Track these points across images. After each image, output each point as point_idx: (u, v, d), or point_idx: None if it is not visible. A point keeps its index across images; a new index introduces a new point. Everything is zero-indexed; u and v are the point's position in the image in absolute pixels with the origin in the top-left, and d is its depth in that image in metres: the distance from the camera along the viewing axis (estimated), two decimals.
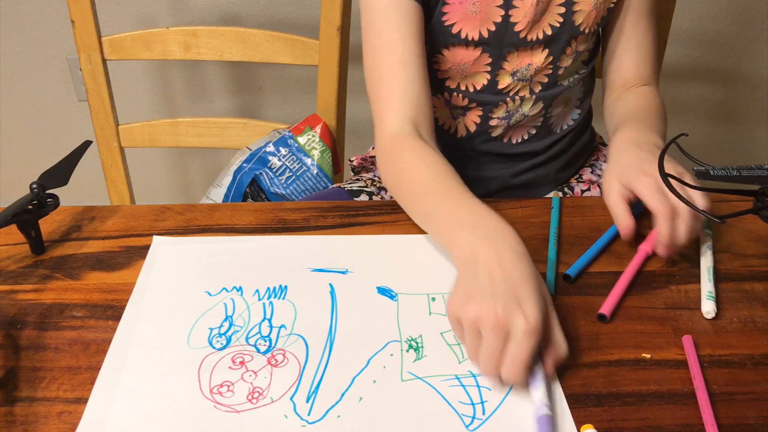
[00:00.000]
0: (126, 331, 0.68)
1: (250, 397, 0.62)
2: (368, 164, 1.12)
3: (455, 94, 0.97)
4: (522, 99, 0.97)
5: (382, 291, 0.73)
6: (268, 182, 1.19)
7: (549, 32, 0.92)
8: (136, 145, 1.30)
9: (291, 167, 1.26)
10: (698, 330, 0.68)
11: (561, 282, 0.75)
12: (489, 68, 0.94)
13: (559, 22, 0.91)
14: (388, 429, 0.59)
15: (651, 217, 0.76)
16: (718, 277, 0.75)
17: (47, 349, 0.67)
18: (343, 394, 0.62)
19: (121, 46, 1.22)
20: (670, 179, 0.73)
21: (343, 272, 0.76)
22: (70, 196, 0.86)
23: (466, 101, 0.97)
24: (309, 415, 0.60)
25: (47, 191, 0.79)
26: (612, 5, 0.94)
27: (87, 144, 0.87)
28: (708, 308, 0.70)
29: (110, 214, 0.86)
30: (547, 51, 0.93)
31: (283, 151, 1.23)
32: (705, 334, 0.68)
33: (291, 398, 0.62)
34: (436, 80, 0.96)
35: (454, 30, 0.90)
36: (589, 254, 0.77)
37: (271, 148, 1.24)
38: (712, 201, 0.86)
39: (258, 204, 0.88)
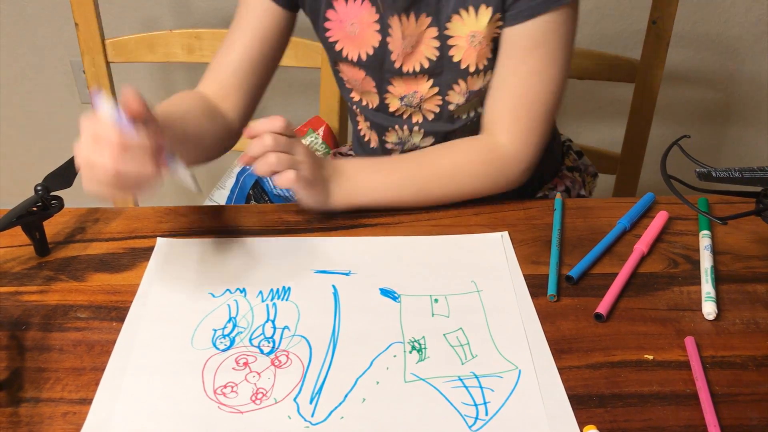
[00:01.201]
0: (130, 332, 0.69)
1: (253, 398, 0.62)
2: None
3: (355, 108, 0.99)
4: (412, 128, 0.95)
5: (385, 292, 0.74)
6: (271, 184, 1.19)
7: (426, 65, 0.89)
8: None
9: None
10: (700, 331, 0.69)
11: (563, 283, 0.75)
12: (376, 90, 0.94)
13: (435, 56, 0.88)
14: (392, 430, 0.59)
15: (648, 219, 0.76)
16: (720, 279, 0.75)
17: (52, 350, 0.67)
18: (346, 395, 0.62)
19: (124, 49, 1.23)
20: (672, 180, 0.73)
21: (346, 274, 0.76)
22: (74, 198, 0.86)
23: (366, 120, 0.99)
24: (312, 416, 0.60)
25: (51, 193, 0.79)
26: (492, 45, 0.87)
27: None
28: (708, 309, 0.70)
29: (114, 216, 0.86)
30: (431, 81, 0.91)
31: None
32: (707, 336, 0.68)
33: (294, 399, 0.62)
34: (345, 89, 0.99)
35: (337, 48, 0.92)
36: (591, 256, 0.77)
37: None
38: (715, 203, 0.86)
39: (261, 206, 0.89)
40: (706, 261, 0.76)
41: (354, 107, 1.00)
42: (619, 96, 1.82)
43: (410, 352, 0.66)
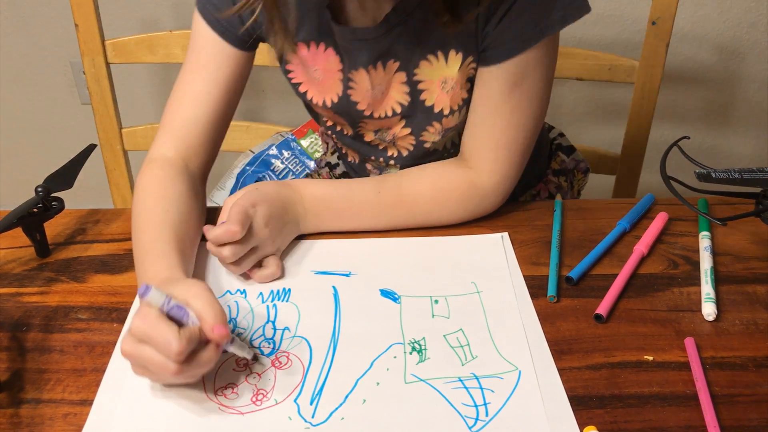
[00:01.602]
0: None
1: (254, 399, 0.62)
2: None
3: (330, 132, 0.95)
4: (388, 161, 0.92)
5: (385, 293, 0.74)
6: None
7: (398, 109, 0.85)
8: (139, 148, 1.30)
9: (294, 170, 1.26)
10: (700, 332, 0.69)
11: (563, 284, 0.75)
12: (349, 124, 0.89)
13: (407, 101, 0.84)
14: (392, 431, 0.59)
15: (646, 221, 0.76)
16: (720, 280, 0.75)
17: (52, 351, 0.67)
18: (346, 396, 0.62)
19: (124, 50, 1.23)
20: (671, 181, 0.73)
21: (346, 275, 0.76)
22: (74, 199, 0.87)
23: (343, 146, 0.96)
24: (313, 417, 0.60)
25: (52, 194, 0.79)
26: (468, 86, 0.83)
27: (91, 147, 0.87)
28: (708, 310, 0.70)
29: (115, 217, 0.86)
30: (404, 122, 0.86)
31: (285, 153, 1.24)
32: (707, 336, 0.68)
33: (295, 400, 0.62)
34: (316, 114, 0.94)
35: (302, 89, 0.88)
36: (591, 257, 0.77)
37: (274, 150, 1.24)
38: (714, 204, 0.86)
39: None
40: (705, 262, 0.76)
41: (329, 132, 0.96)
42: (618, 97, 1.82)
43: (410, 353, 0.67)
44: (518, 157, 0.83)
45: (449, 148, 0.91)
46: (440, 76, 0.82)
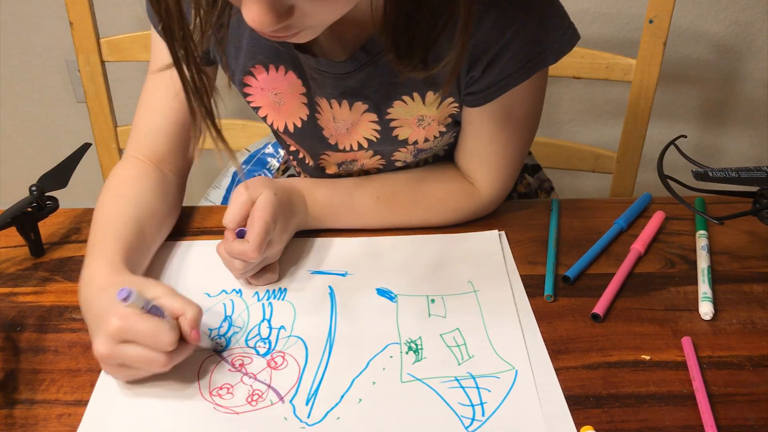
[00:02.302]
0: None
1: (249, 399, 0.62)
2: None
3: (291, 158, 0.91)
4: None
5: (382, 293, 0.73)
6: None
7: (365, 144, 0.80)
8: None
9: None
10: (697, 331, 0.68)
11: (560, 284, 0.75)
12: (310, 155, 0.86)
13: (376, 137, 0.79)
14: (388, 430, 0.59)
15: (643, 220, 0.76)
16: (717, 279, 0.75)
17: (47, 352, 0.67)
18: (342, 396, 0.62)
19: (119, 48, 1.22)
20: (669, 180, 0.73)
21: (342, 274, 0.76)
22: (69, 198, 0.86)
23: (304, 172, 0.92)
24: (309, 417, 0.60)
25: (46, 193, 0.79)
26: (449, 120, 0.79)
27: (86, 146, 0.87)
28: (705, 309, 0.70)
29: None
30: (372, 152, 0.82)
31: (281, 152, 1.23)
32: (704, 336, 0.68)
33: (291, 400, 0.62)
34: (280, 137, 0.90)
35: (261, 114, 0.82)
36: (588, 256, 0.77)
37: (270, 149, 1.24)
38: (711, 203, 0.86)
39: None
40: (702, 261, 0.76)
41: (290, 157, 0.92)
42: (615, 95, 1.82)
43: (407, 353, 0.66)
44: (514, 170, 0.83)
45: (421, 162, 0.87)
46: (416, 114, 0.77)
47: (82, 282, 0.67)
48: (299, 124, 0.80)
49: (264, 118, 0.82)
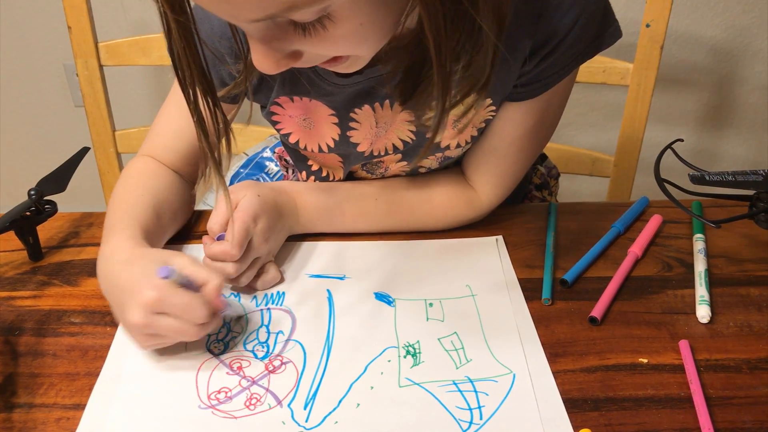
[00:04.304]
0: (124, 337, 0.68)
1: (247, 404, 0.62)
2: None
3: (312, 178, 0.89)
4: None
5: (380, 297, 0.73)
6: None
7: (400, 146, 0.79)
8: (133, 151, 1.30)
9: None
10: (694, 334, 0.69)
11: (558, 287, 0.75)
12: (342, 166, 0.85)
13: (411, 139, 0.78)
14: None
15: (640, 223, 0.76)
16: (714, 282, 0.75)
17: (45, 356, 0.67)
18: (340, 401, 0.62)
19: (117, 52, 1.22)
20: (666, 184, 0.73)
21: (340, 278, 0.76)
22: (67, 202, 0.86)
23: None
24: (307, 421, 0.60)
25: (45, 197, 0.79)
26: (483, 125, 0.78)
27: (85, 150, 0.87)
28: (702, 313, 0.70)
29: None
30: (400, 156, 0.81)
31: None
32: (701, 339, 0.68)
33: (289, 405, 0.62)
34: (300, 157, 0.88)
35: (292, 140, 0.82)
36: (585, 260, 0.78)
37: (268, 153, 1.24)
38: (708, 206, 0.86)
39: None
40: (699, 264, 0.76)
41: (310, 176, 0.89)
42: (612, 99, 1.83)
43: (405, 357, 0.66)
44: (517, 180, 0.83)
45: (442, 169, 0.87)
46: (453, 116, 0.74)
47: (101, 257, 0.69)
48: (332, 144, 0.80)
49: (296, 143, 0.82)
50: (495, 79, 0.59)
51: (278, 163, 1.09)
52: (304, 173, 0.90)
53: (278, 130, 0.82)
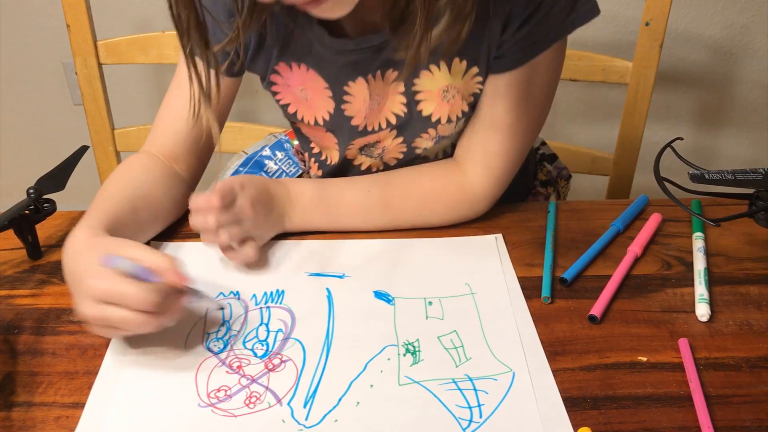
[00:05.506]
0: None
1: (247, 402, 0.62)
2: None
3: (312, 159, 0.93)
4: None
5: (379, 295, 0.73)
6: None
7: (393, 121, 0.82)
8: (131, 149, 1.30)
9: (287, 171, 1.26)
10: (694, 333, 0.69)
11: (557, 285, 0.75)
12: (338, 147, 0.87)
13: (403, 112, 0.81)
14: None
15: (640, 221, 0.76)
16: (714, 281, 0.75)
17: (44, 354, 0.67)
18: (340, 399, 0.62)
19: (116, 51, 1.22)
20: (665, 182, 0.73)
21: (340, 276, 0.76)
22: (66, 200, 0.86)
23: (320, 169, 0.93)
24: (306, 419, 0.60)
25: (44, 196, 0.79)
26: (471, 99, 0.80)
27: (84, 149, 0.87)
28: (702, 311, 0.70)
29: None
30: (395, 132, 0.84)
31: (279, 155, 1.23)
32: (701, 337, 0.68)
33: (288, 403, 0.62)
34: (304, 138, 0.92)
35: (290, 110, 0.85)
36: (585, 258, 0.77)
37: (267, 152, 1.24)
38: (708, 205, 0.86)
39: None
40: (699, 263, 0.76)
41: (311, 159, 0.94)
42: (612, 98, 1.83)
43: (404, 355, 0.66)
44: (513, 165, 0.83)
45: (440, 157, 0.89)
46: (441, 85, 0.79)
47: (63, 250, 0.68)
48: (327, 117, 0.83)
49: (294, 115, 0.85)
50: (477, 36, 0.65)
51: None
52: (309, 157, 0.92)
53: (278, 101, 0.85)
